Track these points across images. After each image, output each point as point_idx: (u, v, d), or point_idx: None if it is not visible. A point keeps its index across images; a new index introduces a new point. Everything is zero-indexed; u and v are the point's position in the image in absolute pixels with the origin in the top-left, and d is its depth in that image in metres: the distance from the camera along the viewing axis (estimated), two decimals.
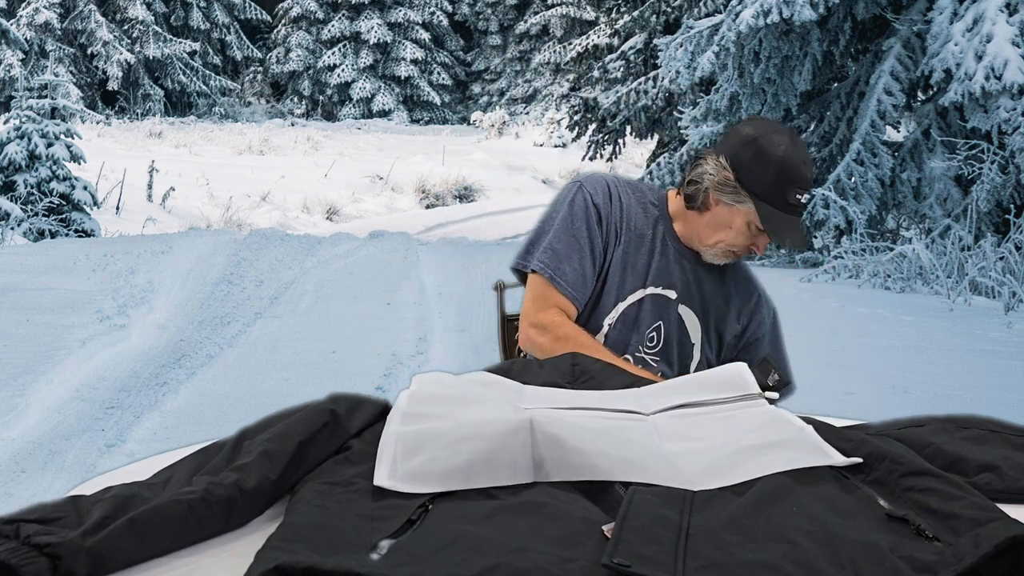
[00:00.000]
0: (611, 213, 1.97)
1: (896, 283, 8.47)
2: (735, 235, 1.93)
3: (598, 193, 1.97)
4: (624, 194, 2.00)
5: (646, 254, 1.98)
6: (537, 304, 1.94)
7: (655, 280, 1.98)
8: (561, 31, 33.61)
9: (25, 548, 0.87)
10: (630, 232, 1.98)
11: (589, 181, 2.00)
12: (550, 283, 1.93)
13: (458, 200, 21.74)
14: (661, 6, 14.72)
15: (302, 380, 4.93)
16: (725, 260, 1.99)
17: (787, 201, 1.87)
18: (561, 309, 1.93)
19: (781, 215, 1.88)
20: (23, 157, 12.86)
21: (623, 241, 1.97)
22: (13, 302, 6.32)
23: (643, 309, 1.97)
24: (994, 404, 4.51)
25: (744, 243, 1.94)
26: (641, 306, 1.97)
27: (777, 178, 1.87)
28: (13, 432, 4.01)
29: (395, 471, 1.07)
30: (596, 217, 1.95)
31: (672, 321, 1.98)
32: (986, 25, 8.50)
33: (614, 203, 1.98)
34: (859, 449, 1.14)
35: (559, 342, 1.87)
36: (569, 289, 1.92)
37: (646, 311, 1.97)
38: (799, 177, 1.87)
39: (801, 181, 1.88)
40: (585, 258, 1.94)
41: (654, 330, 1.97)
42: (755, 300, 2.07)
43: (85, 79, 31.30)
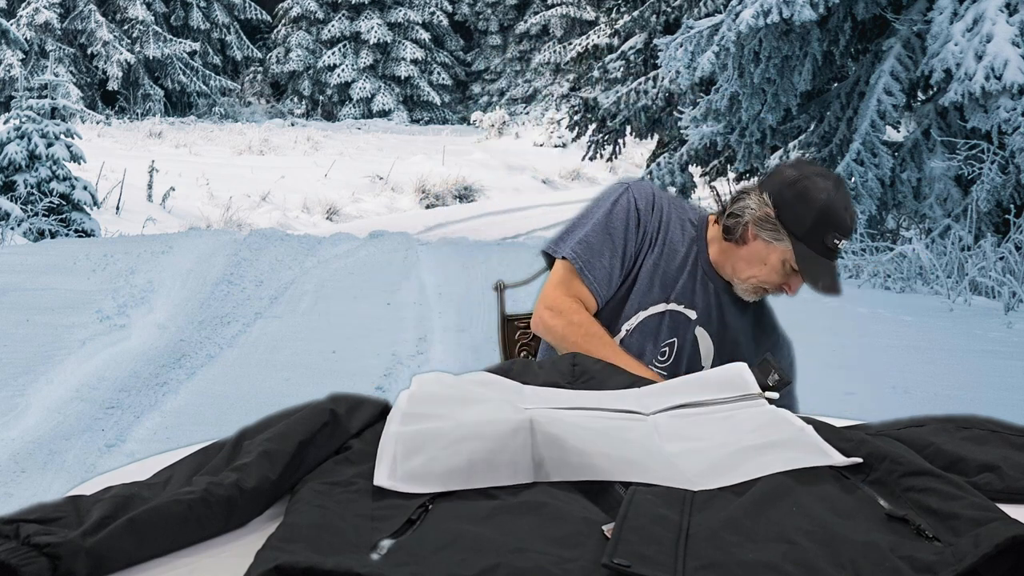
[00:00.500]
0: (650, 221, 1.99)
1: (896, 283, 8.47)
2: (769, 272, 1.95)
3: (642, 199, 1.99)
4: (667, 206, 2.02)
5: (676, 270, 2.00)
6: (559, 289, 1.96)
7: (679, 297, 2.00)
8: (561, 31, 33.61)
9: (25, 548, 0.87)
10: (665, 244, 2.00)
11: (636, 186, 2.03)
12: (578, 274, 1.95)
13: (458, 200, 21.73)
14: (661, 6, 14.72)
15: (302, 380, 4.93)
16: (755, 296, 2.00)
17: (825, 244, 1.89)
18: (581, 300, 1.95)
19: (817, 257, 1.90)
20: (23, 157, 12.86)
21: (656, 251, 1.99)
22: (13, 302, 6.32)
23: (662, 322, 1.99)
24: (994, 404, 4.51)
25: (777, 281, 1.96)
26: (662, 319, 1.99)
27: (817, 220, 1.88)
28: (13, 432, 4.01)
29: (395, 471, 1.07)
30: (636, 221, 1.98)
31: (687, 340, 2.00)
32: (986, 25, 8.50)
33: (656, 212, 2.00)
34: (859, 449, 1.14)
35: (572, 327, 1.90)
36: (595, 284, 1.95)
37: (664, 325, 1.99)
38: (839, 222, 1.89)
39: (841, 226, 1.89)
40: (616, 258, 1.96)
41: (667, 345, 1.99)
42: (774, 339, 2.10)
43: (85, 79, 31.31)
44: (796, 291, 1.95)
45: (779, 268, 1.94)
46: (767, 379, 1.42)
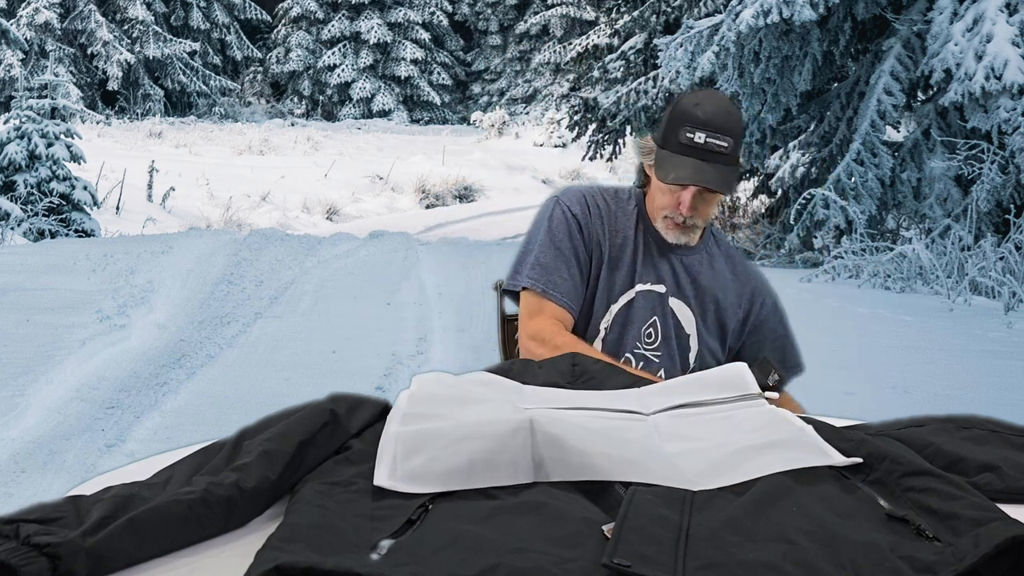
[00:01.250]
0: (590, 222, 2.00)
1: (896, 283, 8.47)
2: (659, 196, 1.95)
3: (575, 204, 2.01)
4: (601, 202, 2.03)
5: (631, 253, 2.00)
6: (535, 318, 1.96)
7: (642, 277, 2.00)
8: (561, 31, 33.61)
9: (25, 548, 0.87)
10: (613, 236, 2.00)
11: (565, 195, 2.04)
12: (543, 296, 1.96)
13: (458, 200, 21.73)
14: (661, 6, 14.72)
15: (302, 380, 4.93)
16: (673, 234, 1.97)
17: (679, 142, 1.87)
18: (557, 319, 1.95)
19: (671, 155, 1.89)
20: (23, 157, 12.86)
21: (606, 247, 1.99)
22: (13, 302, 6.32)
23: (635, 307, 1.98)
24: (994, 404, 4.51)
25: (667, 202, 1.94)
26: (632, 305, 1.99)
27: (669, 122, 1.91)
28: (13, 432, 4.01)
29: (395, 471, 1.07)
30: (577, 226, 1.99)
31: (666, 315, 1.99)
32: (986, 25, 8.50)
33: (592, 212, 2.01)
34: (859, 449, 1.14)
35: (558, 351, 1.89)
36: (563, 298, 1.95)
37: (638, 309, 1.98)
38: (688, 115, 1.88)
39: (691, 118, 1.87)
40: (573, 267, 1.97)
41: (650, 326, 1.99)
42: (753, 284, 2.08)
43: (85, 79, 31.30)
44: (689, 207, 1.91)
45: (661, 187, 1.94)
46: (767, 379, 1.42)
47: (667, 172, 1.89)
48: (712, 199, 1.94)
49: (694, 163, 1.86)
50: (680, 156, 1.88)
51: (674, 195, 1.92)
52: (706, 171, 1.86)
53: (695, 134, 1.86)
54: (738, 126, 1.91)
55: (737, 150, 1.90)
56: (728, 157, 1.88)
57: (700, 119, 1.86)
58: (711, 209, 1.97)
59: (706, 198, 1.93)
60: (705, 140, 1.86)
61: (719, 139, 1.86)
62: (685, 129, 1.87)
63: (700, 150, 1.86)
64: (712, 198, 1.94)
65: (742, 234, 13.16)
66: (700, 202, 1.93)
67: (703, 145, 1.86)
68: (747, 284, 2.07)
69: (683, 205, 1.91)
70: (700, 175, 1.86)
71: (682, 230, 1.97)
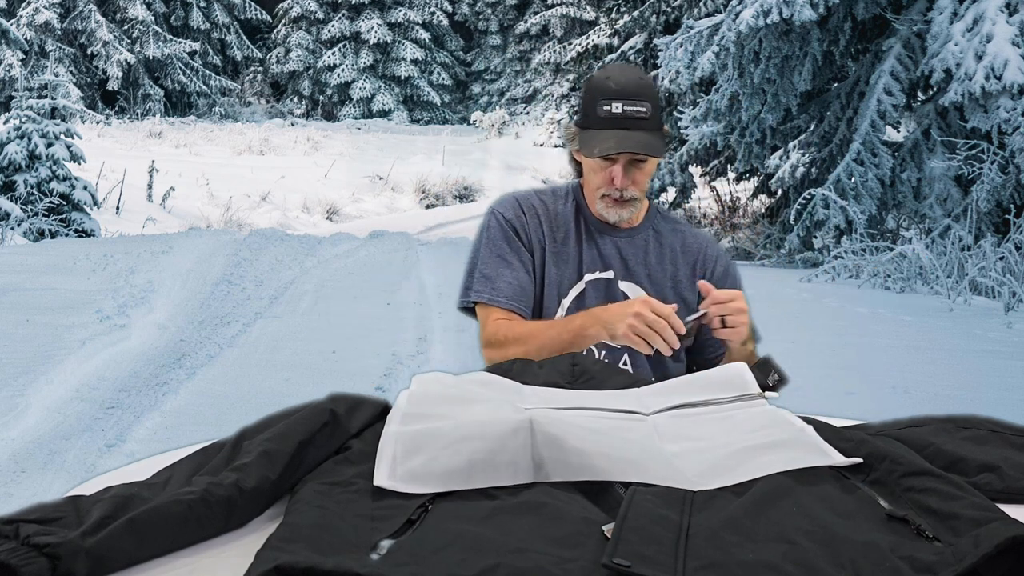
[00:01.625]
0: (526, 223, 2.00)
1: (896, 283, 8.47)
2: (593, 177, 1.96)
3: (508, 210, 2.02)
4: (536, 202, 2.03)
5: (574, 245, 2.00)
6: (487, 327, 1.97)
7: (589, 267, 2.00)
8: (561, 31, 33.61)
9: (25, 548, 0.87)
10: (554, 232, 2.01)
11: (498, 204, 2.05)
12: (490, 304, 1.97)
13: (458, 200, 21.74)
14: (661, 6, 14.72)
15: (302, 380, 4.93)
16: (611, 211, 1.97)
17: (599, 116, 1.88)
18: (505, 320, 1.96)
19: (594, 132, 1.90)
20: (23, 157, 12.86)
21: (548, 243, 2.00)
22: (13, 302, 6.32)
23: (586, 298, 1.98)
24: (994, 404, 4.51)
25: (601, 180, 1.94)
26: (584, 296, 1.98)
27: (586, 100, 1.92)
28: (13, 432, 4.01)
29: (395, 471, 1.07)
30: (513, 231, 2.00)
31: (618, 299, 1.97)
32: (986, 25, 8.50)
33: (527, 213, 2.01)
34: (859, 449, 1.14)
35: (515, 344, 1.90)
36: (509, 302, 1.96)
37: (590, 298, 1.97)
38: (603, 90, 1.89)
39: (604, 91, 1.88)
40: (517, 269, 1.98)
41: None
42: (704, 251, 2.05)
43: (85, 79, 31.31)
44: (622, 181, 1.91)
45: (594, 167, 1.94)
46: (767, 379, 1.42)
47: (592, 147, 1.89)
48: (645, 167, 1.94)
49: (616, 133, 1.87)
50: (602, 130, 1.88)
51: (606, 171, 1.93)
52: (630, 138, 1.87)
53: (612, 105, 1.87)
54: (652, 92, 1.91)
55: (657, 114, 1.90)
56: (649, 122, 1.89)
57: (613, 90, 1.88)
58: (645, 178, 1.95)
59: (638, 167, 1.92)
60: (623, 109, 1.87)
61: (636, 105, 1.87)
62: (601, 103, 1.88)
63: (620, 119, 1.87)
64: (644, 167, 1.93)
65: (742, 234, 13.16)
66: (633, 172, 1.92)
67: (622, 114, 1.87)
68: (698, 252, 2.04)
69: (616, 178, 1.91)
70: (625, 142, 1.87)
71: (621, 205, 1.95)
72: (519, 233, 2.00)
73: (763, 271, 9.91)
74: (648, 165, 1.94)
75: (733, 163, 11.86)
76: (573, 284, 1.99)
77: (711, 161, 12.75)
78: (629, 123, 1.87)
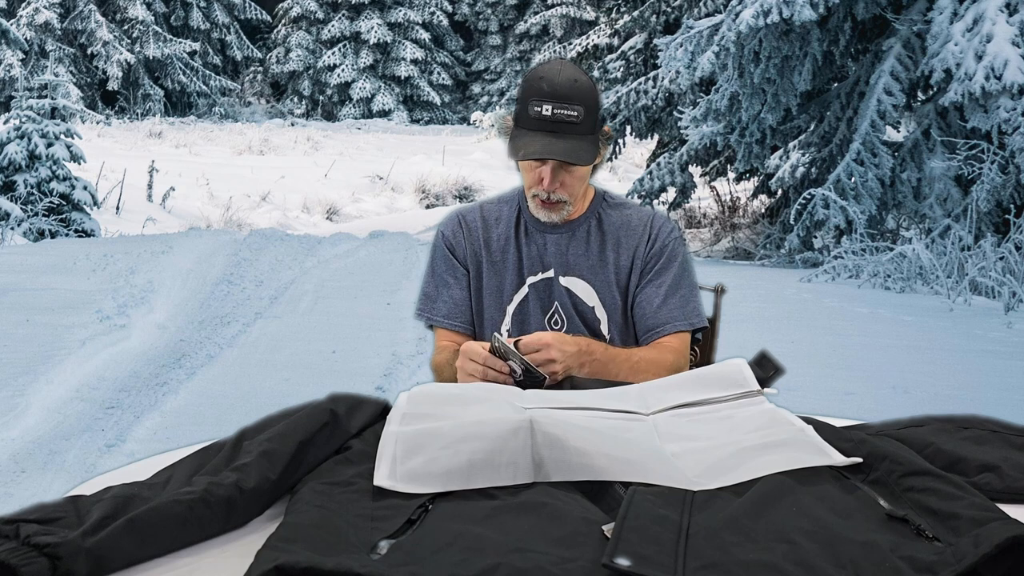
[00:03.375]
0: (462, 239, 2.02)
1: (896, 283, 8.46)
2: (524, 175, 1.94)
3: (448, 227, 2.04)
4: (476, 216, 2.04)
5: (515, 251, 2.00)
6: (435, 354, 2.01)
7: (530, 269, 1.99)
8: (561, 31, 33.61)
9: (25, 548, 0.87)
10: (494, 242, 2.01)
11: (443, 223, 2.08)
12: (428, 324, 2.03)
13: (458, 200, 21.72)
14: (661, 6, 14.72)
15: (302, 380, 4.93)
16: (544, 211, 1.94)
17: (529, 116, 1.85)
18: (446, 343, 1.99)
19: (523, 132, 1.86)
20: (23, 157, 12.86)
21: (484, 256, 2.01)
22: (13, 302, 6.32)
23: (529, 302, 1.97)
24: (994, 404, 4.51)
25: (531, 180, 1.92)
26: (527, 300, 1.97)
27: (520, 98, 1.88)
28: (13, 432, 4.01)
29: (395, 471, 1.08)
30: (449, 247, 2.03)
31: (563, 296, 1.96)
32: (986, 25, 8.50)
33: (464, 226, 2.03)
34: (859, 449, 1.14)
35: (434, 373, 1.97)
36: (445, 320, 2.00)
37: (533, 302, 1.97)
38: (536, 90, 1.84)
39: (536, 92, 1.84)
40: (452, 288, 2.01)
41: (553, 313, 1.96)
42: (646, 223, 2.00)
43: (85, 79, 31.31)
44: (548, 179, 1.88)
45: (524, 166, 1.92)
46: (766, 374, 1.42)
47: (517, 149, 1.86)
48: (575, 172, 1.89)
49: (543, 137, 1.83)
50: (530, 132, 1.85)
51: (535, 172, 1.90)
52: (555, 144, 1.83)
53: (542, 107, 1.83)
54: (589, 94, 1.85)
55: (590, 118, 1.85)
56: (579, 127, 1.84)
57: (546, 91, 1.83)
58: (576, 182, 1.91)
59: (567, 170, 1.88)
60: (552, 112, 1.82)
61: (567, 109, 1.82)
62: (532, 103, 1.83)
63: (548, 122, 1.83)
64: (575, 171, 1.89)
65: (742, 234, 13.17)
66: (562, 175, 1.89)
67: (551, 117, 1.82)
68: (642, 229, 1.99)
69: (545, 180, 1.89)
70: (548, 148, 1.82)
71: (551, 207, 1.93)
72: (455, 251, 2.02)
73: (763, 271, 9.91)
74: (579, 170, 1.89)
75: (733, 163, 11.86)
76: (517, 290, 1.98)
77: (711, 161, 12.74)
78: (557, 126, 1.83)
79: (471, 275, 2.01)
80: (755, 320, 6.13)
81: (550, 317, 1.96)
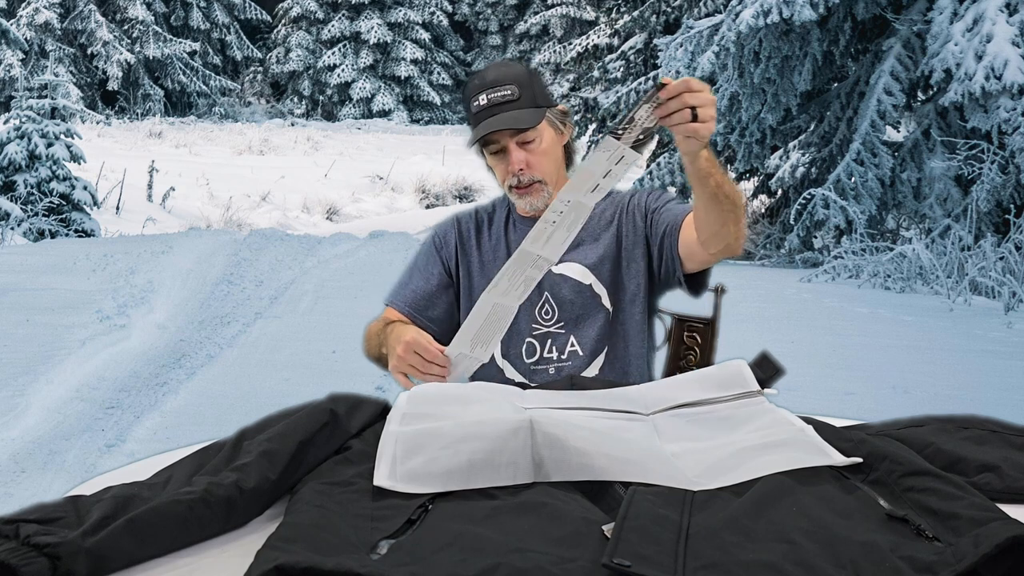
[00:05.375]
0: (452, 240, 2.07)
1: (896, 283, 8.46)
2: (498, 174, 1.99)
3: (442, 229, 2.11)
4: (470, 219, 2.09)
5: (504, 249, 2.03)
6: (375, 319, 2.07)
7: None
8: (561, 31, 33.61)
9: (25, 548, 0.87)
10: (485, 243, 2.06)
11: (439, 224, 2.14)
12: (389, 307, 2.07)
13: (458, 200, 21.72)
14: (661, 6, 14.72)
15: (302, 380, 4.93)
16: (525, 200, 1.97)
17: (473, 113, 1.95)
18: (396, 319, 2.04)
19: (472, 128, 1.96)
20: (23, 157, 12.86)
21: (474, 257, 2.05)
22: (13, 302, 6.32)
23: None
24: (994, 404, 4.51)
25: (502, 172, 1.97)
26: None
27: (465, 99, 1.99)
28: (13, 432, 4.01)
29: (395, 471, 1.08)
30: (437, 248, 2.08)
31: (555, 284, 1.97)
32: (986, 25, 8.50)
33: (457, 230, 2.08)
34: (859, 449, 1.14)
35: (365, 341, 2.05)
36: (403, 306, 2.05)
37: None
38: (471, 88, 1.95)
39: (472, 90, 1.95)
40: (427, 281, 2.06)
41: (544, 303, 1.98)
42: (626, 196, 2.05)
43: (85, 79, 31.31)
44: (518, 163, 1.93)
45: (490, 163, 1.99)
46: (766, 375, 1.42)
47: (470, 141, 1.96)
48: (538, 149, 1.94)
49: (485, 121, 1.92)
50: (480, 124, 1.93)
51: (501, 162, 1.96)
52: (496, 120, 1.91)
53: (478, 99, 1.93)
54: (518, 73, 1.95)
55: (527, 92, 1.92)
56: (517, 102, 1.92)
57: (477, 85, 1.94)
58: (542, 158, 1.95)
59: (528, 148, 1.94)
60: (487, 97, 1.92)
61: (499, 90, 1.92)
62: (471, 102, 1.95)
63: (487, 108, 1.92)
64: (537, 148, 1.94)
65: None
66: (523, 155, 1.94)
67: (487, 103, 1.92)
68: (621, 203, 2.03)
69: (511, 164, 1.94)
70: (488, 125, 1.91)
71: (528, 191, 1.96)
72: (441, 250, 2.07)
73: (763, 271, 9.91)
74: (541, 144, 1.94)
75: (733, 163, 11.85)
76: None
77: None
78: (495, 108, 1.91)
79: (460, 277, 2.05)
80: (755, 320, 6.13)
81: (541, 307, 1.97)
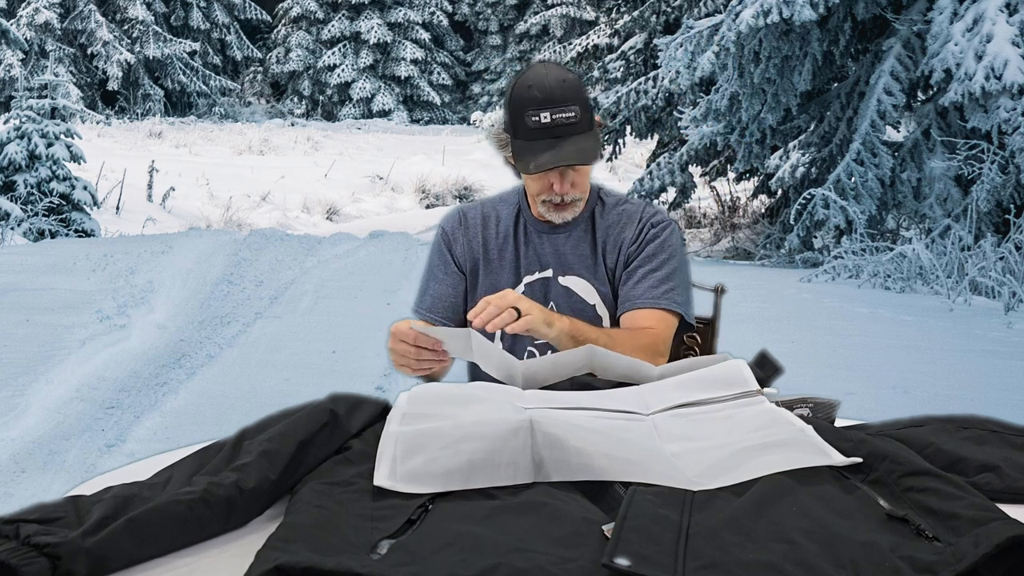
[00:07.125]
0: (460, 236, 2.04)
1: (896, 283, 8.46)
2: (532, 184, 1.94)
3: (448, 224, 2.07)
4: (477, 213, 2.06)
5: (512, 249, 2.01)
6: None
7: (527, 268, 2.00)
8: (561, 31, 33.61)
9: (25, 548, 0.87)
10: (492, 239, 2.03)
11: (444, 219, 2.10)
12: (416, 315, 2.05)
13: (458, 200, 21.72)
14: (661, 6, 14.72)
15: (302, 380, 4.93)
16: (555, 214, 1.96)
17: (528, 127, 1.85)
18: None
19: (526, 143, 1.87)
20: (23, 157, 12.86)
21: (481, 254, 2.02)
22: (13, 302, 6.32)
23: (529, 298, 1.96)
24: (994, 404, 4.51)
25: (540, 187, 1.93)
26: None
27: (512, 112, 1.88)
28: (13, 432, 4.01)
29: (395, 471, 1.08)
30: (447, 244, 2.05)
31: (560, 296, 1.97)
32: (986, 25, 8.49)
33: (465, 223, 2.05)
34: (859, 449, 1.14)
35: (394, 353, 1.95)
36: (427, 313, 2.03)
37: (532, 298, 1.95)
38: (528, 100, 1.84)
39: (530, 102, 1.84)
40: (441, 282, 2.04)
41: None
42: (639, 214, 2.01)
43: (85, 79, 31.31)
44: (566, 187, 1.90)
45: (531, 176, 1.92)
46: (766, 374, 1.42)
47: (528, 162, 1.87)
48: (583, 170, 1.92)
49: (549, 144, 1.84)
50: (534, 142, 1.85)
51: (545, 179, 1.91)
52: (563, 149, 1.84)
53: (540, 115, 1.83)
54: (578, 90, 1.86)
55: (586, 114, 1.86)
56: (579, 125, 1.85)
57: (540, 98, 1.83)
58: (584, 179, 1.94)
59: (577, 170, 1.91)
60: (552, 117, 1.83)
61: (564, 111, 1.84)
62: (529, 114, 1.84)
63: (549, 128, 1.84)
64: (583, 169, 1.91)
65: (742, 234, 13.17)
66: (571, 175, 1.91)
67: (551, 123, 1.83)
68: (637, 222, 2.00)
69: (556, 186, 1.91)
70: (558, 156, 1.84)
71: (564, 208, 1.95)
72: (451, 247, 2.05)
73: (763, 271, 9.91)
74: (586, 167, 1.92)
75: (733, 163, 11.86)
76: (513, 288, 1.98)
77: (711, 161, 12.74)
78: (559, 130, 1.84)
79: (468, 272, 2.03)
80: (755, 320, 6.13)
81: None
